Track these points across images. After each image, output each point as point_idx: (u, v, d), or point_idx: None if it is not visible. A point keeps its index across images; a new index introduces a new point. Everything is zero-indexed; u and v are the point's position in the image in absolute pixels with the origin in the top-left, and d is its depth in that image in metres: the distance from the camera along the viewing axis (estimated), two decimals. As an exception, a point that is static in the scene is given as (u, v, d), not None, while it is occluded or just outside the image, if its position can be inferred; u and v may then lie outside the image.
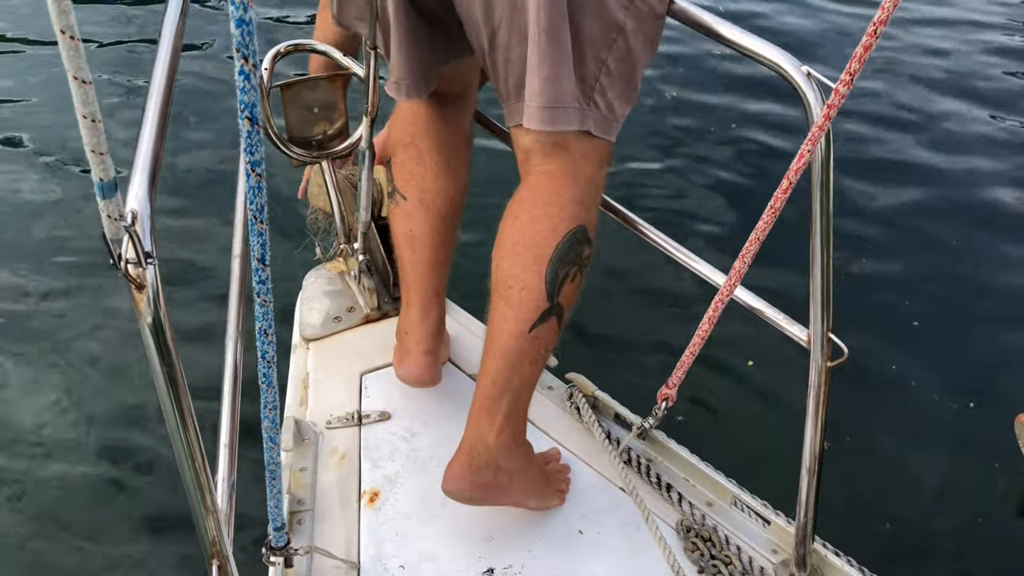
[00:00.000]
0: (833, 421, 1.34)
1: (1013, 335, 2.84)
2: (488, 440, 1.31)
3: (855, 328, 2.62)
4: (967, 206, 3.45)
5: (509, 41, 1.21)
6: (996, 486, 2.31)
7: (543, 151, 1.29)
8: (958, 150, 3.79)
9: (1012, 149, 3.81)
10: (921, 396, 2.61)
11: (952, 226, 3.32)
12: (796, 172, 1.08)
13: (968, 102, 4.17)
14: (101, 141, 0.69)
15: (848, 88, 0.98)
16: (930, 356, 2.74)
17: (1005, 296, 3.00)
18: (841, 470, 2.32)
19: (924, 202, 3.45)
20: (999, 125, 4.00)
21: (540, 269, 1.26)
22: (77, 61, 0.62)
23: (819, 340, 1.24)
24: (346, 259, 1.94)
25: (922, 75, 4.35)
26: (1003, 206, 3.45)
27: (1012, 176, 3.64)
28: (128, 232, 0.77)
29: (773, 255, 2.48)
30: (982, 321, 2.88)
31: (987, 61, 4.54)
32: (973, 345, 2.80)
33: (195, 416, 0.91)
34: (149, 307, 0.81)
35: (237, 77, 0.59)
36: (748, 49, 1.18)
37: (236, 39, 0.56)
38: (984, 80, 4.36)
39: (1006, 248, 3.23)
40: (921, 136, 3.86)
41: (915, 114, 4.04)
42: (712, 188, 3.43)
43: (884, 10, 0.88)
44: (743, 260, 1.22)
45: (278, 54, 1.75)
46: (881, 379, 2.64)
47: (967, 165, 3.69)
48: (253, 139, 0.64)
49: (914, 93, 4.21)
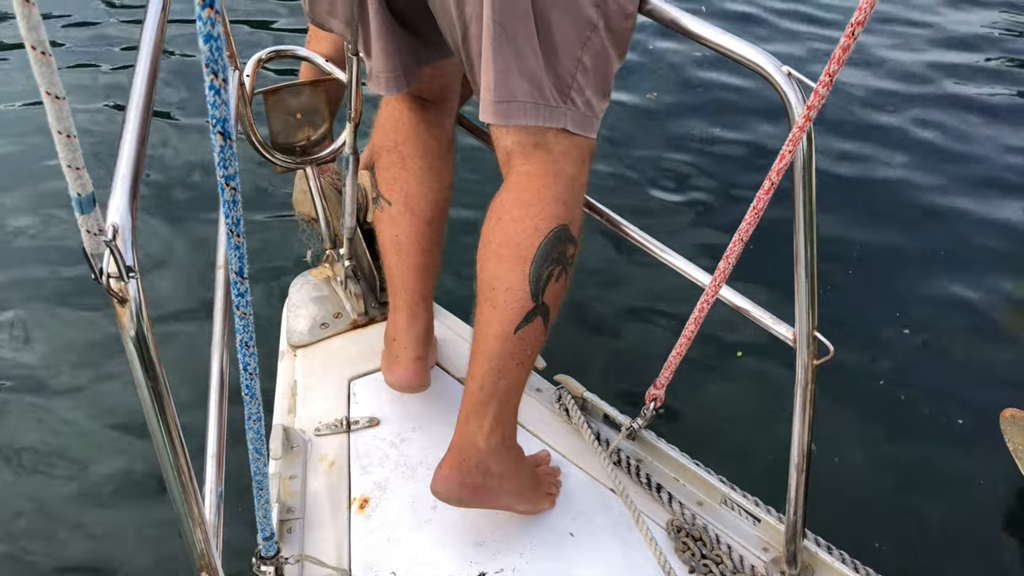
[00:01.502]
0: (821, 417, 1.35)
1: (999, 332, 2.86)
2: (478, 443, 1.31)
3: (842, 325, 2.67)
4: (955, 203, 3.47)
5: (480, 35, 1.21)
6: (984, 480, 2.32)
7: (523, 151, 1.29)
8: (949, 150, 3.80)
9: (1003, 148, 3.82)
10: (909, 392, 2.62)
11: (941, 221, 3.34)
12: (778, 173, 1.09)
13: (960, 98, 4.20)
14: (77, 156, 0.68)
15: (828, 89, 0.98)
16: (918, 354, 2.76)
17: (993, 295, 3.02)
18: (831, 466, 2.34)
19: (911, 199, 3.47)
20: (990, 123, 4.02)
21: (523, 269, 1.26)
22: (49, 77, 0.62)
23: (805, 338, 1.25)
24: (332, 264, 1.93)
25: (909, 72, 4.37)
26: (991, 205, 3.47)
27: (999, 175, 3.66)
28: (109, 247, 0.76)
29: (761, 254, 2.52)
30: (970, 318, 2.90)
31: (974, 59, 4.56)
32: (961, 342, 2.81)
33: (180, 427, 0.91)
34: (132, 321, 0.81)
35: (208, 92, 0.58)
36: (727, 49, 1.18)
37: (205, 55, 0.56)
38: (975, 78, 4.38)
39: (993, 245, 3.25)
40: (909, 138, 3.87)
41: (903, 112, 4.05)
42: (696, 189, 3.43)
43: (861, 11, 0.88)
44: (727, 260, 1.22)
45: (260, 60, 1.74)
46: (869, 375, 2.65)
47: (957, 163, 3.71)
48: (226, 154, 0.63)
49: (902, 92, 4.23)
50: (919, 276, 3.07)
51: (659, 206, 3.31)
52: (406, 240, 1.56)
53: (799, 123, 1.05)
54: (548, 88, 1.22)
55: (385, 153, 1.57)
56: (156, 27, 1.09)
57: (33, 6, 0.56)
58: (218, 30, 0.55)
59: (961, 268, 3.12)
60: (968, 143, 3.86)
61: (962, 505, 2.30)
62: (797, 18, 4.86)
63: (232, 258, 0.75)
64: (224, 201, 0.69)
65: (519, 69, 1.19)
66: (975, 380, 2.65)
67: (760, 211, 1.15)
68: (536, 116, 1.24)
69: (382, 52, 1.35)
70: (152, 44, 1.04)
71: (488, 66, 1.20)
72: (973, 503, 2.31)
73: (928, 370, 2.71)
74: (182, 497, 0.95)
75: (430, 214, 1.56)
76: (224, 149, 0.64)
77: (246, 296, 0.80)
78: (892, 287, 3.01)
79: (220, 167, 0.66)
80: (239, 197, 0.69)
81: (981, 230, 3.32)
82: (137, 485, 2.32)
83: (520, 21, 1.17)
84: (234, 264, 0.76)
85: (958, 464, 2.40)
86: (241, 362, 0.90)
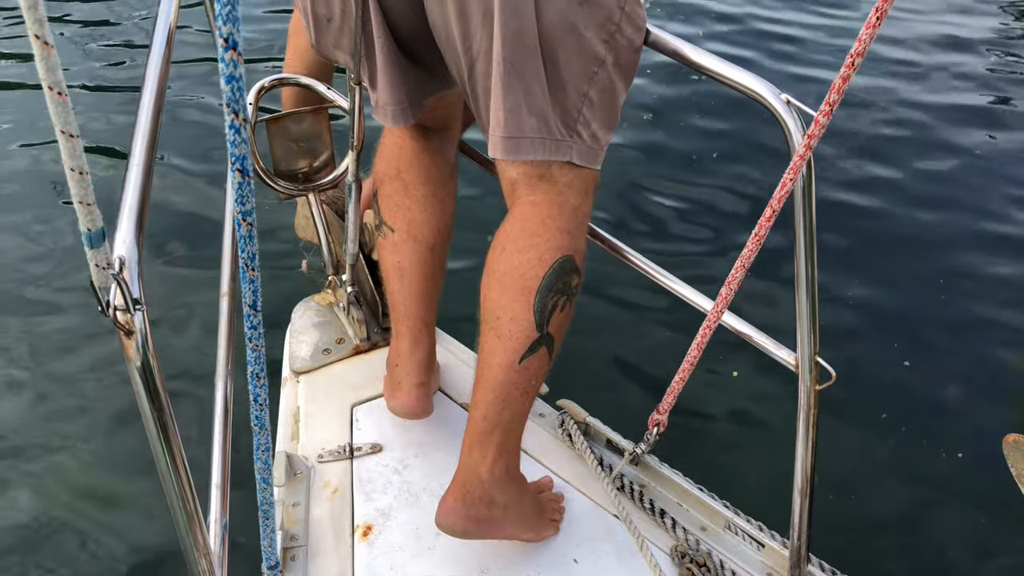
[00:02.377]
0: (825, 442, 1.35)
1: (1003, 355, 2.87)
2: (481, 474, 1.31)
3: (845, 351, 2.68)
4: (957, 230, 3.49)
5: (487, 71, 1.23)
6: (989, 506, 2.33)
7: (528, 182, 1.30)
8: (950, 176, 3.83)
9: (1004, 176, 3.84)
10: (913, 417, 2.63)
11: (942, 249, 3.36)
12: (779, 200, 1.10)
13: (963, 119, 4.24)
14: (88, 192, 0.69)
15: (828, 118, 0.99)
16: (921, 380, 2.76)
17: (993, 317, 3.03)
18: (836, 491, 2.34)
19: (912, 224, 3.49)
20: (992, 146, 4.05)
21: (528, 299, 1.27)
22: (65, 116, 0.63)
23: (807, 364, 1.25)
24: (335, 290, 1.94)
25: (910, 99, 4.40)
26: (993, 231, 3.49)
27: (1003, 199, 3.68)
28: (116, 280, 0.77)
29: (765, 280, 2.53)
30: (973, 343, 2.91)
31: (974, 83, 4.60)
32: (963, 367, 2.82)
33: (185, 457, 0.91)
34: (138, 352, 0.82)
35: (228, 131, 0.59)
36: (727, 78, 1.19)
37: (226, 95, 0.57)
38: (978, 99, 4.42)
39: (994, 269, 3.27)
40: (911, 164, 3.90)
41: (904, 135, 4.09)
42: (699, 215, 3.45)
43: (861, 42, 0.90)
44: (729, 287, 1.23)
45: (263, 88, 1.76)
46: (873, 400, 2.65)
47: (958, 189, 3.73)
48: (244, 190, 0.64)
49: (903, 115, 4.27)
50: (921, 302, 3.08)
51: (662, 232, 3.32)
52: (409, 266, 1.57)
53: (800, 151, 1.06)
54: (554, 123, 1.23)
55: (388, 181, 1.58)
56: (160, 63, 1.10)
57: (52, 49, 0.57)
58: (240, 71, 0.56)
59: (963, 294, 3.13)
60: (970, 176, 3.89)
61: (966, 530, 2.30)
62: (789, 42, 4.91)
63: (247, 292, 0.76)
64: (240, 236, 0.70)
65: (527, 106, 1.21)
66: (978, 405, 2.66)
67: (762, 238, 1.16)
68: (543, 151, 1.25)
69: (388, 84, 1.36)
70: (156, 80, 1.06)
71: (497, 103, 1.21)
72: (977, 528, 2.31)
73: (931, 396, 2.71)
74: (187, 527, 0.95)
75: (433, 241, 1.57)
76: (243, 186, 0.65)
77: (259, 328, 0.81)
78: (894, 313, 3.02)
79: (238, 203, 0.67)
80: (255, 232, 0.70)
81: (984, 257, 3.34)
82: (142, 514, 2.32)
83: (528, 58, 1.18)
84: (248, 297, 0.77)
85: (962, 489, 2.40)
86: (252, 393, 0.91)
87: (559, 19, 1.18)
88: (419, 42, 1.34)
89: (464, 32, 1.23)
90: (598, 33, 1.21)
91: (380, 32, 1.30)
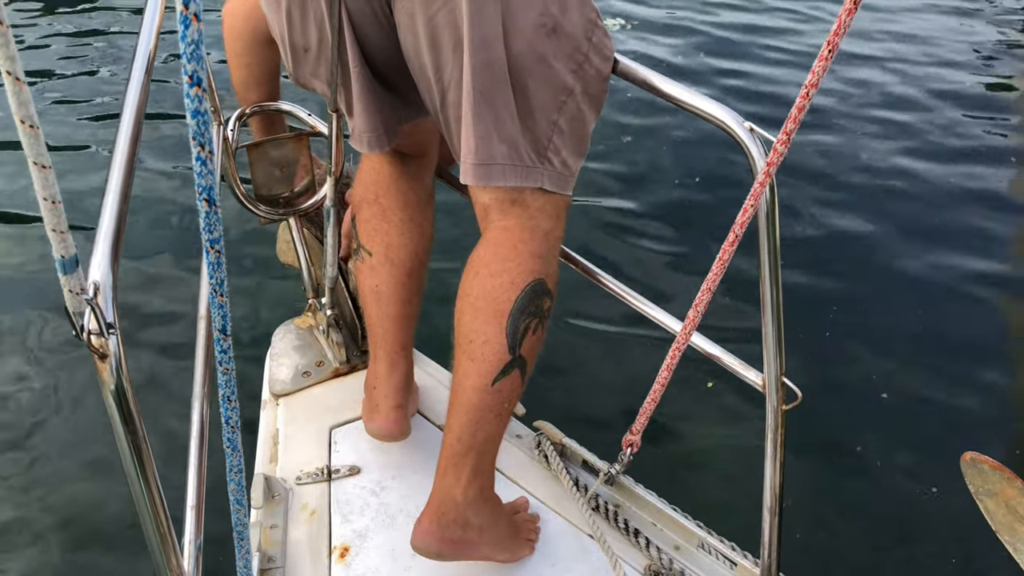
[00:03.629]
0: (797, 461, 1.38)
1: (968, 374, 2.93)
2: (456, 496, 1.33)
3: (812, 372, 2.72)
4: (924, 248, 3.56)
5: (459, 101, 1.26)
6: (952, 521, 2.38)
7: (501, 207, 1.33)
8: (920, 198, 3.90)
9: (971, 200, 3.91)
10: (877, 436, 2.68)
11: (909, 268, 3.43)
12: (741, 226, 1.13)
13: (932, 143, 4.32)
14: (61, 220, 0.71)
15: (786, 146, 1.03)
16: (886, 399, 2.82)
17: (958, 337, 3.10)
18: (805, 510, 2.37)
19: (879, 250, 3.56)
20: (961, 171, 4.12)
21: (500, 322, 1.29)
22: (37, 148, 0.65)
23: (773, 384, 1.28)
24: (315, 313, 1.96)
25: (879, 127, 4.48)
26: (962, 251, 3.55)
27: (971, 223, 3.75)
28: (90, 304, 0.79)
29: (739, 301, 2.56)
30: (936, 361, 2.97)
31: (941, 105, 4.69)
32: (929, 384, 2.88)
33: (159, 479, 0.93)
34: (112, 375, 0.83)
35: (194, 163, 0.62)
36: (692, 106, 1.22)
37: (192, 128, 0.59)
38: (941, 128, 4.50)
39: (967, 290, 3.33)
40: (881, 184, 3.97)
41: (875, 164, 4.15)
42: (667, 240, 3.51)
43: (814, 74, 0.93)
44: (696, 309, 1.26)
45: (243, 115, 1.79)
46: (839, 420, 2.70)
47: (927, 215, 3.80)
48: (212, 219, 0.66)
49: (873, 141, 4.34)
50: (887, 320, 3.14)
51: (633, 255, 3.37)
52: (386, 290, 1.59)
53: (760, 178, 1.09)
54: (525, 150, 1.26)
55: (366, 205, 1.61)
56: (140, 86, 1.12)
57: (23, 84, 0.60)
58: (205, 106, 0.59)
59: (928, 310, 3.20)
60: (939, 193, 3.95)
61: (930, 543, 2.36)
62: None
63: (216, 316, 0.78)
64: (209, 263, 0.72)
65: (498, 134, 1.24)
66: (946, 425, 2.72)
67: (726, 262, 1.19)
68: (514, 177, 1.28)
69: (363, 112, 1.39)
70: (136, 104, 1.08)
71: (468, 131, 1.24)
72: (941, 542, 2.36)
73: (896, 414, 2.77)
74: (160, 548, 0.97)
75: (410, 265, 1.59)
76: (209, 215, 0.67)
77: (229, 352, 0.83)
78: (860, 332, 3.07)
79: (205, 231, 0.69)
80: (223, 259, 0.72)
81: (949, 272, 3.41)
82: (116, 535, 2.32)
83: (499, 88, 1.21)
84: (217, 322, 0.79)
85: (926, 506, 2.46)
86: (223, 416, 0.92)
87: (528, 50, 1.21)
88: (394, 71, 1.37)
89: (436, 62, 1.26)
90: (566, 63, 1.25)
91: (356, 62, 1.33)
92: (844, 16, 0.85)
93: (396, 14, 1.27)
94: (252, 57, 1.75)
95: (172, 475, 1.07)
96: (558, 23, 1.22)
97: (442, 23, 1.21)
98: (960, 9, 6.01)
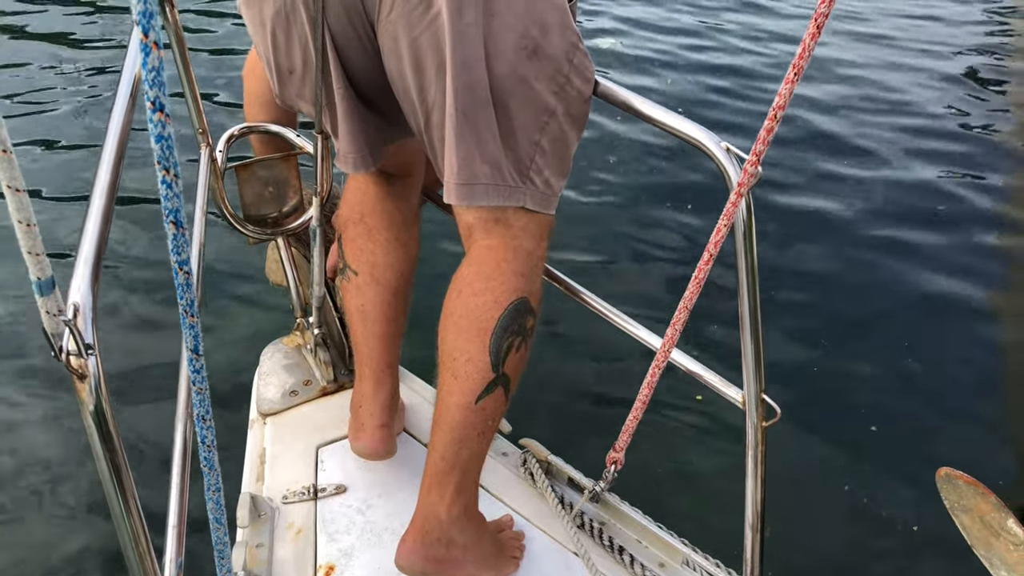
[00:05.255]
0: (778, 476, 1.38)
1: (949, 392, 2.96)
2: (440, 514, 1.33)
3: (794, 387, 2.74)
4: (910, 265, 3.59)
5: (442, 122, 1.28)
6: (932, 536, 2.40)
7: (484, 227, 1.34)
8: (899, 218, 3.93)
9: (957, 220, 3.94)
10: (859, 451, 2.70)
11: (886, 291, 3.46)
12: (716, 245, 1.14)
13: (912, 165, 4.35)
14: (37, 243, 0.73)
15: (756, 167, 1.04)
16: (867, 414, 2.84)
17: (937, 355, 3.12)
18: (787, 525, 2.38)
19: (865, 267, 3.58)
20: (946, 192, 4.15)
21: (484, 340, 1.30)
22: (11, 172, 0.67)
23: (753, 401, 1.29)
24: (303, 332, 1.97)
25: (863, 143, 4.53)
26: (936, 276, 3.58)
27: (956, 242, 3.78)
28: (68, 326, 0.80)
29: (717, 319, 2.57)
30: (915, 380, 3.00)
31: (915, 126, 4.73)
32: (908, 399, 2.91)
33: (138, 499, 0.93)
34: (91, 396, 0.84)
35: (160, 186, 0.63)
36: (670, 127, 1.24)
37: (156, 153, 0.61)
38: (925, 147, 4.54)
39: (947, 308, 3.36)
40: (861, 204, 4.00)
41: (855, 178, 4.19)
42: (650, 258, 3.54)
43: (781, 96, 0.95)
44: (674, 327, 1.27)
45: (232, 136, 1.80)
46: (821, 436, 2.72)
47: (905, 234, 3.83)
48: (179, 241, 0.68)
49: (855, 150, 4.39)
50: (867, 339, 3.16)
51: (615, 273, 3.40)
52: (372, 309, 1.60)
53: (732, 198, 1.10)
54: (507, 170, 1.28)
55: (352, 225, 1.62)
56: (124, 110, 1.14)
57: (-5, 111, 0.61)
58: (168, 131, 0.60)
59: (908, 326, 3.24)
60: (922, 213, 3.99)
61: (910, 558, 2.36)
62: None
63: (187, 337, 0.79)
64: (178, 284, 0.73)
65: (480, 154, 1.25)
66: (922, 439, 2.74)
67: (702, 280, 1.20)
68: (497, 196, 1.29)
69: (348, 133, 1.40)
70: (119, 128, 1.10)
71: (451, 151, 1.26)
72: (922, 559, 2.38)
73: (878, 429, 2.79)
74: (139, 567, 0.97)
75: (395, 284, 1.61)
76: (177, 237, 0.68)
77: (202, 372, 0.84)
78: (841, 352, 3.10)
79: (174, 252, 0.70)
80: (192, 280, 0.73)
81: (931, 290, 3.45)
82: (97, 556, 2.32)
83: (480, 109, 1.23)
84: (189, 342, 0.80)
85: (906, 521, 2.47)
86: (199, 435, 0.93)
87: (509, 71, 1.23)
88: (378, 93, 1.38)
89: (419, 84, 1.28)
90: (548, 85, 1.27)
91: (340, 83, 1.35)
92: (808, 40, 0.87)
93: (380, 37, 1.28)
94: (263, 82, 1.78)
95: (151, 495, 1.08)
96: (539, 45, 1.24)
97: (425, 45, 1.23)
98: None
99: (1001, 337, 3.24)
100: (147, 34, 0.54)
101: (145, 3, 0.53)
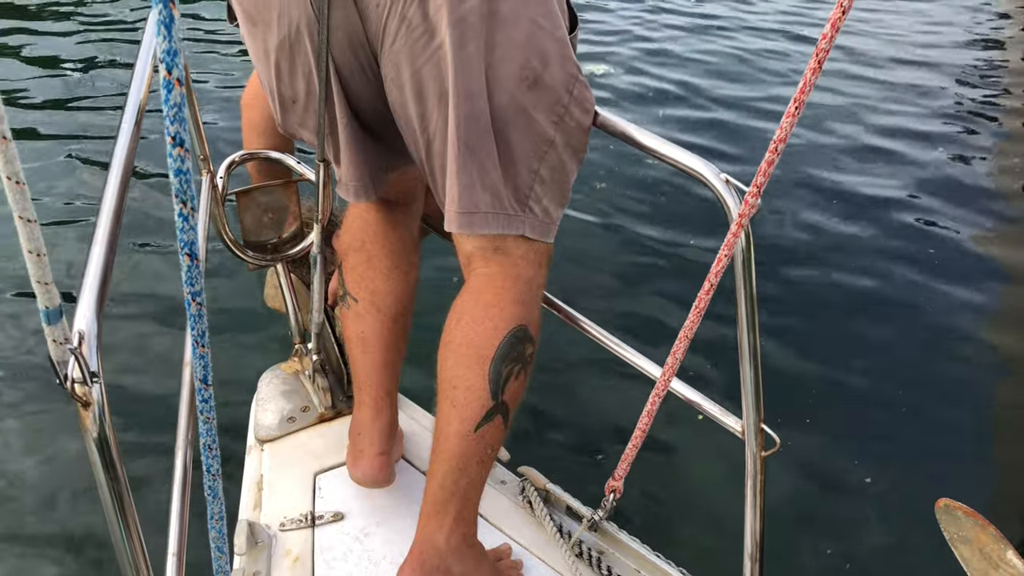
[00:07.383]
0: (778, 506, 1.39)
1: (949, 422, 2.96)
2: (438, 543, 1.33)
3: (793, 416, 2.74)
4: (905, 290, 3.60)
5: (443, 150, 1.29)
6: (932, 568, 2.38)
7: (484, 255, 1.35)
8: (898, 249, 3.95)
9: (949, 256, 3.96)
10: (856, 483, 2.69)
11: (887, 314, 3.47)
12: (716, 275, 1.15)
13: (909, 188, 4.38)
14: (46, 272, 0.73)
15: (757, 199, 1.05)
16: (864, 445, 2.85)
17: (937, 382, 3.13)
18: (791, 556, 2.37)
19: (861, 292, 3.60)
20: (937, 215, 4.18)
21: (483, 368, 1.30)
22: (23, 203, 0.67)
23: (752, 431, 1.29)
24: (301, 358, 1.97)
25: (862, 172, 4.56)
26: (940, 295, 3.60)
27: (951, 266, 3.81)
28: (73, 353, 0.80)
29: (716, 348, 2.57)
30: (913, 409, 3.00)
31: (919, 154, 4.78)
32: (909, 429, 2.91)
33: (140, 528, 0.93)
34: (95, 423, 0.85)
35: (177, 219, 0.64)
36: (670, 158, 1.26)
37: (175, 187, 0.62)
38: (921, 170, 4.58)
39: (943, 335, 3.38)
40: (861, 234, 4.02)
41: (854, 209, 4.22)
42: (650, 287, 3.55)
43: (782, 129, 0.96)
44: (675, 356, 1.27)
45: (233, 163, 1.82)
46: (819, 466, 2.72)
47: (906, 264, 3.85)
48: (193, 273, 0.68)
49: (848, 186, 4.41)
50: (868, 370, 3.17)
51: (614, 301, 3.41)
52: (372, 336, 1.60)
53: (732, 229, 1.11)
54: (507, 198, 1.29)
55: (352, 252, 1.63)
56: (129, 140, 1.15)
57: (10, 142, 0.62)
58: (187, 165, 0.61)
59: (909, 354, 3.24)
60: (920, 235, 4.01)
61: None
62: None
63: (197, 366, 0.80)
64: (191, 315, 0.74)
65: (481, 182, 1.26)
66: (922, 469, 2.73)
67: (702, 310, 1.21)
68: (496, 225, 1.30)
69: (350, 163, 1.41)
70: (124, 157, 1.10)
71: (453, 180, 1.27)
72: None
73: (876, 459, 2.78)
74: None
75: (395, 311, 1.61)
76: (191, 269, 0.69)
77: (210, 402, 0.84)
78: (841, 382, 3.10)
79: (187, 284, 0.71)
80: (204, 311, 0.73)
81: (928, 319, 3.46)
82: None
83: (482, 138, 1.24)
84: (199, 372, 0.80)
85: (906, 552, 2.46)
86: (204, 463, 0.93)
87: (510, 102, 1.24)
88: (380, 121, 1.40)
89: (421, 114, 1.29)
90: (547, 115, 1.28)
91: (343, 112, 1.36)
92: (809, 75, 0.89)
93: (382, 67, 1.30)
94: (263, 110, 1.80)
95: (153, 523, 1.07)
96: (539, 76, 1.26)
97: (427, 76, 1.25)
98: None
99: (1001, 367, 3.24)
100: (171, 71, 0.54)
101: (170, 41, 0.54)
